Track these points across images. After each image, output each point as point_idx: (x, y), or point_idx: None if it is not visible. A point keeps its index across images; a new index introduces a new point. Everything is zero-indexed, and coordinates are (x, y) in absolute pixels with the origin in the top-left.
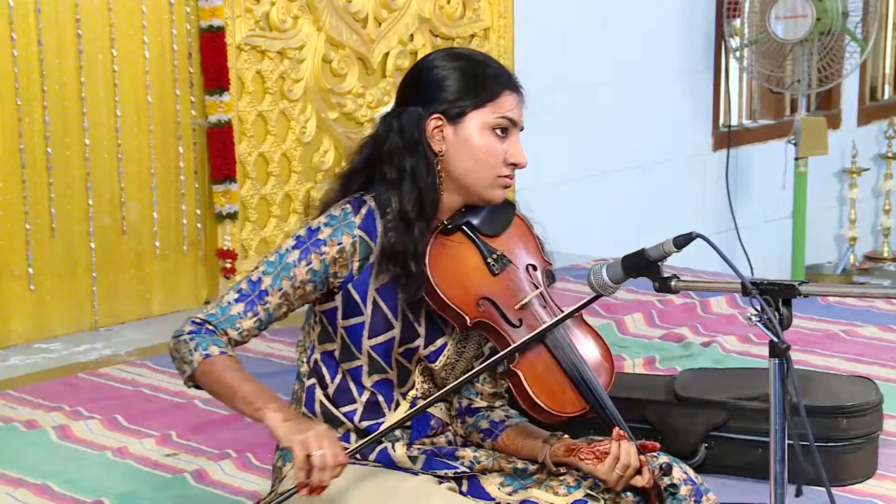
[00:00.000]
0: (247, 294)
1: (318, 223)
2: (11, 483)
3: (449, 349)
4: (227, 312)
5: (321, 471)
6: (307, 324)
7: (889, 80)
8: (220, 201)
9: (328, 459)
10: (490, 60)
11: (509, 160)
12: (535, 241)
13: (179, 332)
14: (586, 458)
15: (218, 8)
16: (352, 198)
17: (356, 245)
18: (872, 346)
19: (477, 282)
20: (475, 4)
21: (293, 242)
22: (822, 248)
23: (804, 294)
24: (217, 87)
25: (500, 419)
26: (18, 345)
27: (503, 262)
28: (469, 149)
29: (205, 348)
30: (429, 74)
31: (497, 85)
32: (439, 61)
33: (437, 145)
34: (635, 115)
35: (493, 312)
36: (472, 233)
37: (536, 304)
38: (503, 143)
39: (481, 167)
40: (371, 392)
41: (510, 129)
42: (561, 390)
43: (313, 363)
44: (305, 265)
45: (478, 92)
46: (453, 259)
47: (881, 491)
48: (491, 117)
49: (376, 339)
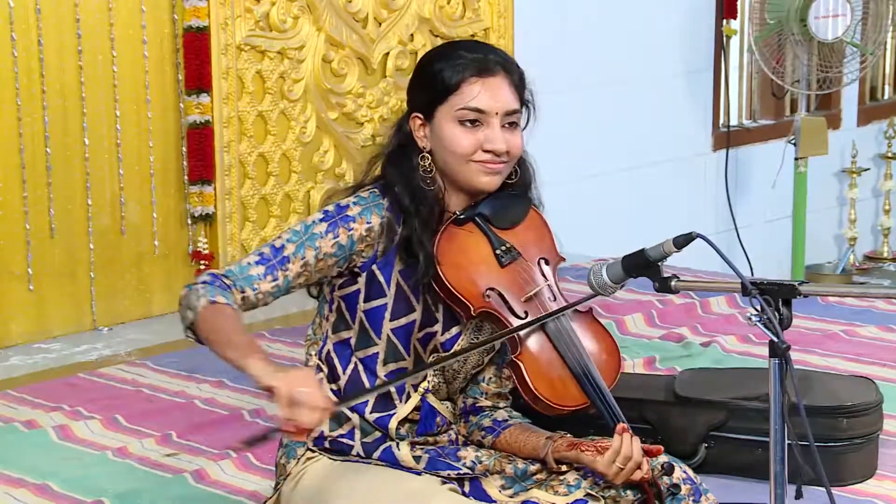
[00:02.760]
0: (268, 258)
1: (347, 201)
2: (11, 483)
3: (463, 339)
4: (246, 272)
5: (307, 408)
6: (319, 315)
7: (889, 80)
8: (193, 202)
9: (316, 398)
10: (467, 49)
11: (485, 147)
12: (549, 235)
13: (193, 284)
14: (587, 450)
15: (201, 8)
16: (377, 184)
17: (384, 226)
18: (872, 346)
19: (484, 272)
20: (475, 4)
21: (321, 216)
22: (822, 248)
23: (804, 294)
24: (196, 88)
25: (503, 418)
26: (18, 345)
27: (512, 255)
28: (442, 142)
29: (212, 296)
30: (415, 74)
31: (459, 75)
32: (426, 59)
33: (422, 143)
34: (635, 115)
35: (498, 303)
36: (484, 224)
37: (545, 298)
38: (474, 133)
39: (454, 159)
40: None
41: (482, 117)
42: (562, 384)
43: (325, 355)
44: (332, 238)
45: (439, 87)
46: (462, 249)
47: (881, 491)
48: (454, 110)
49: (397, 322)
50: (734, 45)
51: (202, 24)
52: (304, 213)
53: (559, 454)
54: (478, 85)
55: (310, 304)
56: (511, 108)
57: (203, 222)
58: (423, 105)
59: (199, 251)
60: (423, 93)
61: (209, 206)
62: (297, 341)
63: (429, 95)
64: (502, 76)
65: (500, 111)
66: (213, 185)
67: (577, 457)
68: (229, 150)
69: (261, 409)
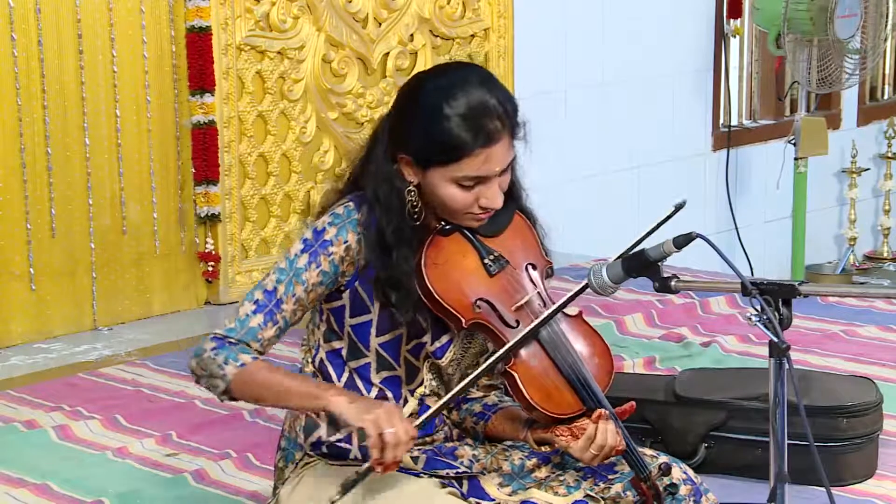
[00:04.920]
0: (264, 305)
1: (323, 223)
2: (11, 483)
3: (455, 346)
4: (247, 325)
5: (395, 447)
6: (312, 323)
7: (889, 80)
8: (199, 203)
9: (401, 436)
10: (474, 105)
11: (481, 204)
12: (535, 239)
13: (201, 350)
14: (561, 434)
15: (203, 8)
16: (353, 196)
17: (360, 242)
18: (872, 346)
19: (474, 283)
20: (475, 4)
21: (301, 247)
22: (822, 248)
23: (804, 294)
24: (199, 88)
25: (493, 403)
26: (18, 345)
27: (501, 263)
28: (436, 194)
29: (235, 359)
30: (411, 112)
31: (465, 146)
32: (424, 99)
33: (410, 177)
34: (635, 115)
35: (489, 314)
36: (470, 233)
37: (535, 304)
38: (471, 191)
39: (448, 209)
40: (379, 389)
41: (481, 179)
42: (557, 391)
43: (318, 363)
44: (315, 268)
45: (440, 153)
46: (449, 261)
47: (881, 491)
48: (453, 175)
49: (384, 337)
50: (734, 45)
51: (204, 24)
52: (305, 213)
53: (537, 436)
54: (482, 156)
55: None
56: (508, 163)
57: (208, 223)
58: (419, 157)
59: (207, 252)
60: (420, 147)
61: (215, 206)
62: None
63: (426, 154)
64: (505, 138)
65: (498, 172)
66: (218, 185)
67: (552, 439)
68: (230, 150)
69: (261, 409)
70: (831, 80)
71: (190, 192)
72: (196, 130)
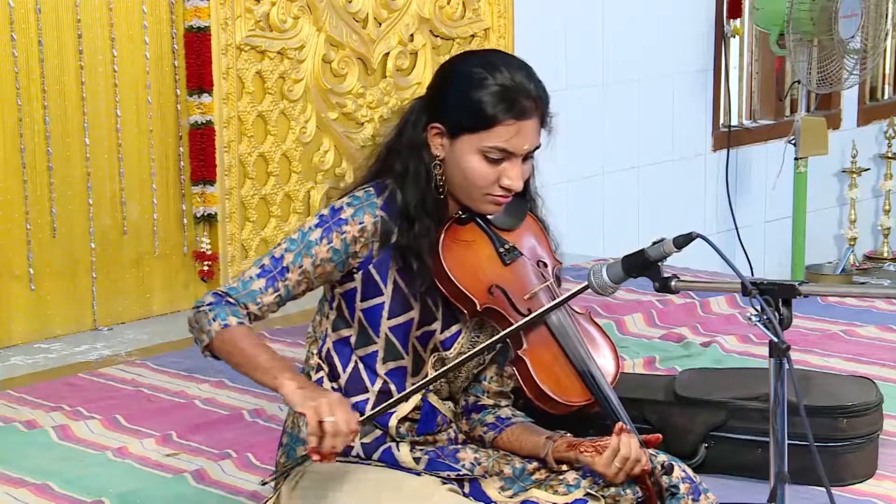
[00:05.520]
0: (269, 270)
1: (342, 203)
2: (11, 483)
3: (463, 337)
4: (248, 287)
5: (333, 437)
6: (320, 313)
7: (889, 80)
8: (196, 203)
9: (341, 426)
10: (512, 80)
11: (502, 183)
12: (546, 240)
13: (200, 303)
14: (586, 451)
15: (202, 8)
16: (375, 182)
17: (377, 225)
18: (872, 346)
19: (488, 270)
20: (475, 4)
21: (316, 221)
22: (822, 248)
23: (804, 294)
24: (197, 89)
25: (507, 416)
26: (18, 345)
27: (514, 254)
28: (460, 166)
29: (223, 318)
30: (449, 80)
31: (499, 114)
32: (466, 67)
33: (437, 150)
34: (635, 115)
35: (502, 300)
36: (485, 224)
37: (545, 298)
38: (496, 167)
39: (469, 185)
40: (384, 380)
41: (507, 155)
42: (567, 379)
43: (325, 353)
44: (327, 244)
45: (474, 119)
46: (466, 247)
47: (881, 491)
48: (482, 144)
49: (395, 320)
50: (734, 45)
51: (203, 24)
52: (305, 213)
53: (559, 454)
54: (514, 128)
55: (309, 304)
56: (535, 146)
57: (205, 223)
58: (450, 123)
59: (203, 252)
60: (454, 112)
61: (212, 206)
62: (298, 341)
63: (459, 119)
64: (536, 119)
65: (525, 151)
66: (215, 186)
67: (577, 457)
68: (229, 150)
69: (261, 409)
70: (831, 80)
71: (191, 192)
72: (193, 130)
